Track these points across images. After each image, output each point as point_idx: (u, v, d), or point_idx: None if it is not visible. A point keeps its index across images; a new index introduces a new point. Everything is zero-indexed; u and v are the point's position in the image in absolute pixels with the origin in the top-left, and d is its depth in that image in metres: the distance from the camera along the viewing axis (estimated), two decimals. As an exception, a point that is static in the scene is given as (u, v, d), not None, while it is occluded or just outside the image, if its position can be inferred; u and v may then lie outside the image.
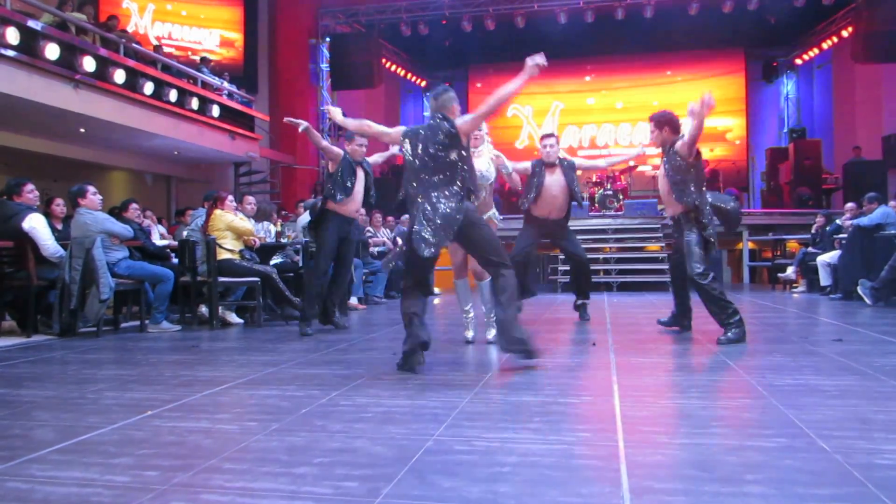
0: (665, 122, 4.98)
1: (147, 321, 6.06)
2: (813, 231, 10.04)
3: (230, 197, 6.58)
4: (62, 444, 2.43)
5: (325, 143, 5.82)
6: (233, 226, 6.34)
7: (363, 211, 7.79)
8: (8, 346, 5.19)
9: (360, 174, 5.71)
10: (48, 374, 4.00)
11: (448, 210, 3.70)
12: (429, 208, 3.72)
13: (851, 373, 3.53)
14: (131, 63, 9.20)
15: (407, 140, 3.93)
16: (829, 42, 14.83)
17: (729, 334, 4.64)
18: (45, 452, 2.34)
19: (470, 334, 4.92)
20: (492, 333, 4.79)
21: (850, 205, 9.35)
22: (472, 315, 4.98)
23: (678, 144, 4.82)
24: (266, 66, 14.56)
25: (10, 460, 2.26)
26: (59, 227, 6.32)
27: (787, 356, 4.12)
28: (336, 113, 4.87)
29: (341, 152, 5.64)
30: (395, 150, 5.70)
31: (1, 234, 5.73)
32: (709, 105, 4.53)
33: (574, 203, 6.14)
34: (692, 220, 4.86)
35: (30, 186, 5.96)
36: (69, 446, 2.42)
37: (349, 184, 5.57)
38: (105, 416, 2.85)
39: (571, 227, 6.42)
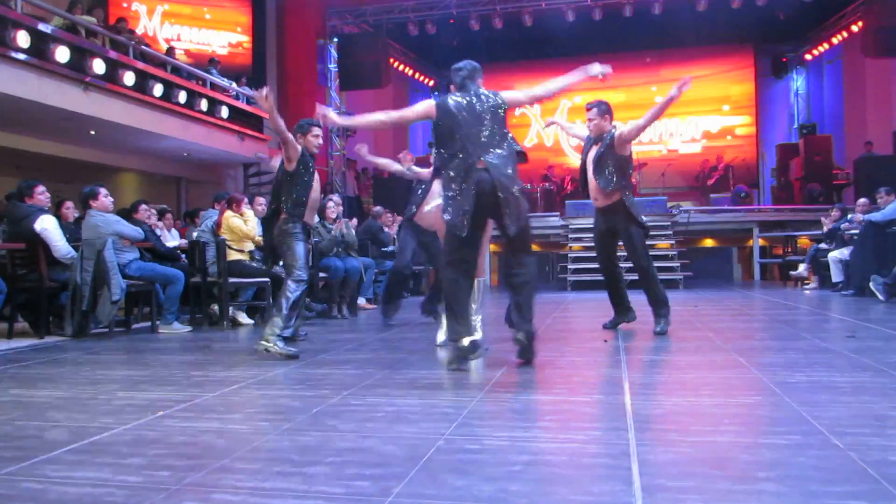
0: (607, 111, 5.12)
1: (158, 322, 6.09)
2: (831, 225, 9.70)
3: (245, 200, 6.60)
4: (75, 445, 2.44)
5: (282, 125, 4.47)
6: (234, 229, 6.32)
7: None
8: (21, 347, 5.22)
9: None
10: (61, 374, 4.02)
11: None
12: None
13: (865, 369, 3.50)
14: (140, 65, 9.24)
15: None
16: (839, 37, 14.71)
17: (662, 324, 5.03)
18: (58, 453, 2.35)
19: (441, 337, 4.62)
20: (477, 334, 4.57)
21: (862, 200, 9.25)
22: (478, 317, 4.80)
23: (624, 131, 4.97)
24: (274, 67, 14.60)
25: (24, 460, 2.27)
26: (70, 222, 6.35)
27: (800, 353, 4.09)
28: (328, 113, 4.05)
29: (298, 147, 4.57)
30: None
31: (13, 235, 5.77)
32: (682, 87, 4.59)
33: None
34: (624, 212, 5.01)
35: (41, 188, 5.99)
36: (82, 446, 2.43)
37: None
38: (117, 416, 2.87)
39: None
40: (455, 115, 3.76)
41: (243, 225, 6.37)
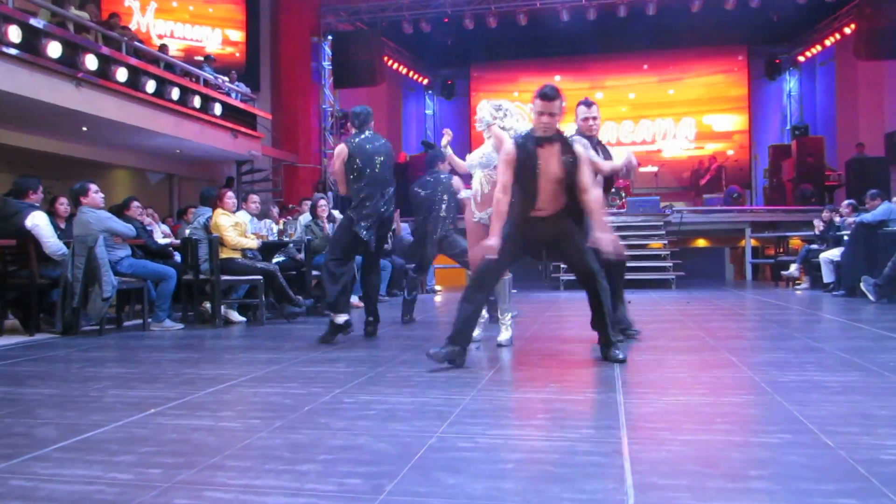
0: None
1: (150, 319, 6.06)
2: (822, 228, 9.74)
3: (229, 194, 6.55)
4: (65, 442, 2.43)
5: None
6: (220, 228, 6.25)
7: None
8: (11, 344, 5.19)
9: None
10: (51, 372, 4.00)
11: None
12: None
13: (855, 369, 3.52)
14: (133, 61, 9.19)
15: None
16: (832, 39, 14.78)
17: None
18: (48, 450, 2.34)
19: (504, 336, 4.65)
20: (504, 336, 4.63)
21: (846, 202, 9.30)
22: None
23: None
24: (268, 64, 14.55)
25: (14, 458, 2.26)
26: (63, 225, 6.33)
27: (791, 353, 4.11)
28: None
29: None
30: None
31: (3, 232, 5.73)
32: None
33: None
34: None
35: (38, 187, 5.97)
36: (72, 444, 2.42)
37: None
38: (108, 413, 2.85)
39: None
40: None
41: (230, 228, 6.28)
